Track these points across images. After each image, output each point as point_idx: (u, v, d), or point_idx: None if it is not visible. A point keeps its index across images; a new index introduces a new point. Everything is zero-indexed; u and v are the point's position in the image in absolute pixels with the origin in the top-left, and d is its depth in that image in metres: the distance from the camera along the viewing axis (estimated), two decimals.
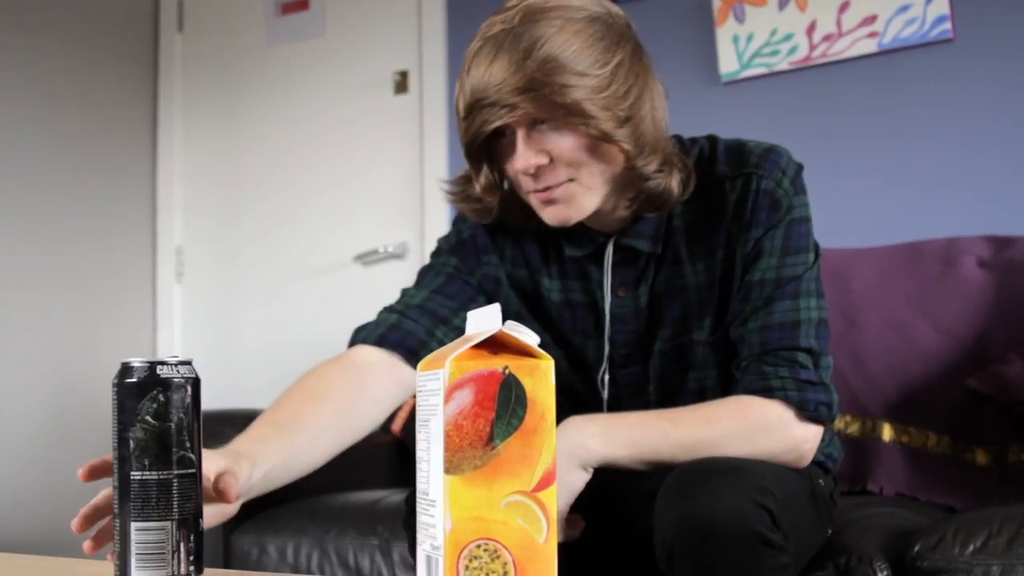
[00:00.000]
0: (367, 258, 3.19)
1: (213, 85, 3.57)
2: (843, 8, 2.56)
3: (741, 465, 1.16)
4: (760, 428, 1.25)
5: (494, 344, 0.75)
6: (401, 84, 3.22)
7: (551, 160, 1.22)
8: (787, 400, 1.25)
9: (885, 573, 1.35)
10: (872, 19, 2.53)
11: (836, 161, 2.49)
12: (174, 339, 3.51)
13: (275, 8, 3.45)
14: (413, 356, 1.34)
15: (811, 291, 1.29)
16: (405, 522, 1.26)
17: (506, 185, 1.32)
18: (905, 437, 1.97)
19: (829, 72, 2.59)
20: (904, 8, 2.49)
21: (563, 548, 1.23)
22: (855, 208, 2.49)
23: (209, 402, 3.66)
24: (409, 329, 1.36)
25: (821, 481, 1.37)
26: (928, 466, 1.93)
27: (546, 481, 0.75)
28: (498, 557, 0.74)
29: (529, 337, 0.75)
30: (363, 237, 3.23)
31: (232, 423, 2.04)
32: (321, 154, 3.34)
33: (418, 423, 0.78)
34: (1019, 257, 2.01)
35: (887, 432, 1.98)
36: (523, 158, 1.21)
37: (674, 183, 1.28)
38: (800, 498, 1.25)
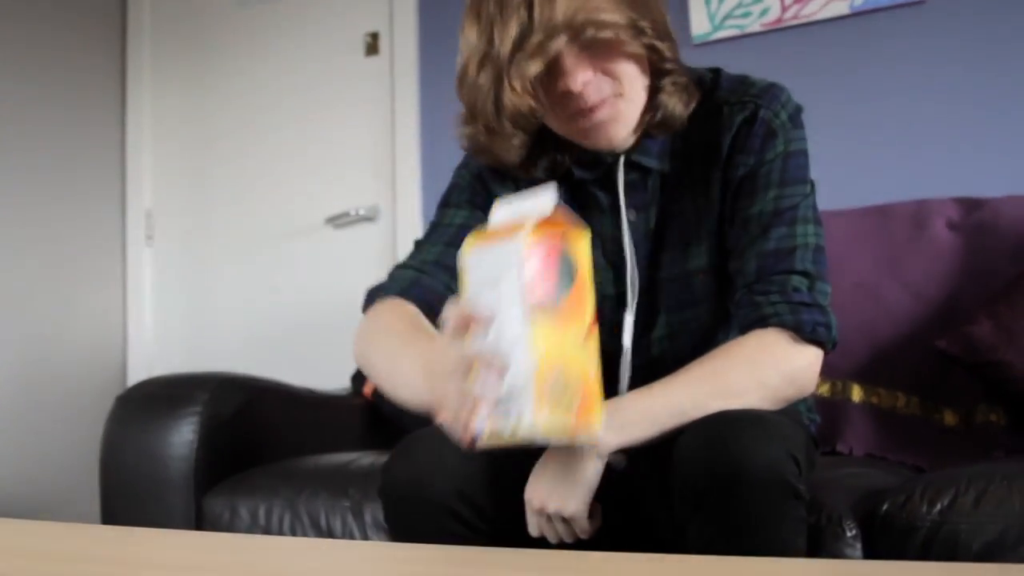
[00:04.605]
0: (338, 220, 3.17)
1: (182, 46, 3.52)
2: None
3: (766, 415, 1.14)
4: (760, 358, 1.22)
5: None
6: (372, 46, 3.19)
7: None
8: (782, 325, 1.23)
9: (854, 531, 1.37)
10: None
11: (807, 123, 2.48)
12: (144, 302, 3.49)
13: None
14: (432, 312, 1.32)
15: (808, 218, 1.30)
16: (380, 490, 1.25)
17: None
18: (874, 398, 1.99)
19: (801, 34, 2.59)
20: None
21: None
22: (825, 170, 2.46)
23: (180, 365, 3.62)
24: (428, 285, 1.37)
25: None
26: (897, 427, 1.95)
27: (590, 331, 0.98)
28: (568, 387, 0.93)
29: (574, 214, 0.98)
30: (334, 200, 3.21)
31: (203, 386, 2.04)
32: (292, 116, 3.31)
33: (473, 293, 0.96)
34: (988, 219, 2.03)
35: (856, 393, 1.99)
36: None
37: (678, 103, 1.31)
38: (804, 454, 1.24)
